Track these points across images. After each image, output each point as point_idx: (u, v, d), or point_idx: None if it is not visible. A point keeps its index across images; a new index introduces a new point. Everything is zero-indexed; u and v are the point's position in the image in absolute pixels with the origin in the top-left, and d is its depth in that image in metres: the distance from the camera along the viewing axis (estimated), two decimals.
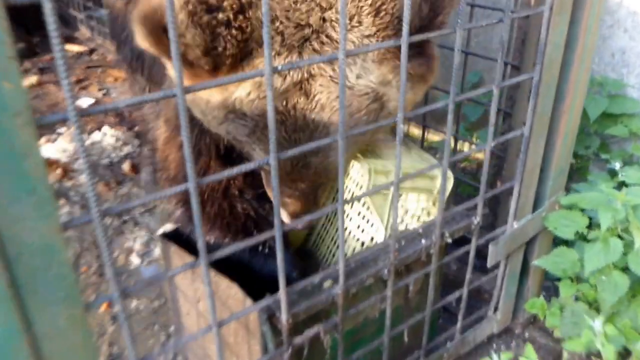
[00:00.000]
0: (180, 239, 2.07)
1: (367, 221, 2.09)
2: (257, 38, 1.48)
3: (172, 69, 1.69)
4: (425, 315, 1.94)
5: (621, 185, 2.46)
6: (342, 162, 1.31)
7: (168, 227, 2.23)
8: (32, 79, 5.07)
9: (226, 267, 1.72)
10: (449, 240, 1.87)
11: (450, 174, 2.04)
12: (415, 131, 3.70)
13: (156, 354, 1.29)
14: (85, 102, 4.71)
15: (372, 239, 2.07)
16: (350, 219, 2.13)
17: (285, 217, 1.90)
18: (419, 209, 2.07)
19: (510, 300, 2.36)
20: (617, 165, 2.81)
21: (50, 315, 0.98)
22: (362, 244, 2.09)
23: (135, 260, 3.01)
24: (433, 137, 3.60)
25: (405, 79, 1.35)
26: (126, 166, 3.82)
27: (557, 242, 2.39)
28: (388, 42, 1.44)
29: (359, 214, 2.12)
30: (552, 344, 2.46)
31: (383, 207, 2.00)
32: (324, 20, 1.55)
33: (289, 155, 1.23)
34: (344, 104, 1.24)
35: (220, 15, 1.38)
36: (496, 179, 2.58)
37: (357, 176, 2.06)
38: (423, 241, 1.81)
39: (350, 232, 2.13)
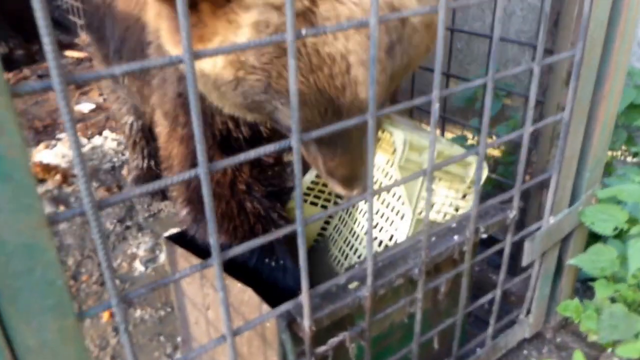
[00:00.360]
0: (186, 242, 1.90)
1: (394, 209, 1.93)
2: None
3: (167, 35, 1.52)
4: (457, 320, 1.77)
5: None
6: (372, 142, 1.14)
7: (173, 230, 2.07)
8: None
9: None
10: (484, 236, 1.70)
11: (484, 165, 1.88)
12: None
13: None
14: (85, 107, 4.57)
15: (391, 237, 1.91)
16: (386, 203, 1.97)
17: (339, 188, 1.67)
18: (446, 201, 1.91)
19: (543, 303, 2.19)
20: None
21: (35, 328, 0.81)
22: (380, 243, 1.93)
23: (139, 267, 2.84)
24: (449, 134, 3.44)
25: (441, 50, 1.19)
26: (126, 171, 3.66)
27: (591, 240, 2.23)
28: None
29: (383, 203, 1.97)
30: (587, 349, 2.28)
31: (412, 192, 1.83)
32: None
33: (313, 136, 1.07)
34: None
35: None
36: (531, 172, 2.41)
37: (382, 163, 1.89)
38: (456, 237, 1.64)
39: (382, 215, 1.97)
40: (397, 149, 1.82)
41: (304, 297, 1.23)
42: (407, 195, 1.84)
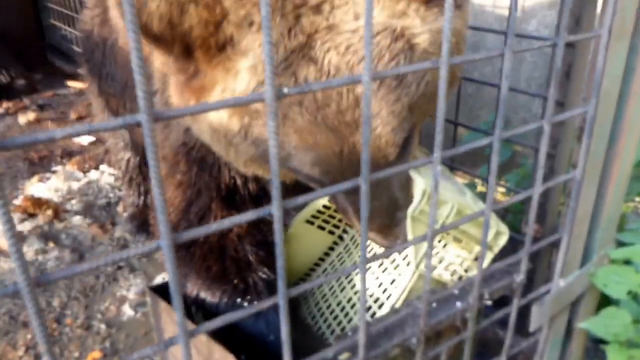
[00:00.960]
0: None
1: (397, 267, 1.83)
2: (236, 21, 1.28)
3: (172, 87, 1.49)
4: None
5: None
6: (366, 204, 1.03)
7: (162, 277, 1.97)
8: (30, 115, 4.99)
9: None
10: (489, 303, 1.58)
11: (505, 229, 1.78)
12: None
13: None
14: (85, 139, 4.50)
15: (380, 305, 1.82)
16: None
17: (377, 238, 1.64)
18: (456, 260, 1.80)
19: None
20: None
21: None
22: (373, 314, 1.83)
23: (128, 311, 2.72)
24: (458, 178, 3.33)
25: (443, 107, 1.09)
26: (121, 208, 3.56)
27: (603, 302, 2.11)
28: None
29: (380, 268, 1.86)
30: None
31: (419, 247, 1.73)
32: None
33: (298, 203, 0.96)
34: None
35: None
36: (539, 229, 2.29)
37: None
38: (458, 304, 1.53)
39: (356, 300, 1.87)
40: (414, 199, 1.72)
41: None
42: (414, 251, 1.74)
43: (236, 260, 1.86)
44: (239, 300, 1.86)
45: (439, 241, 1.85)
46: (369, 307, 1.90)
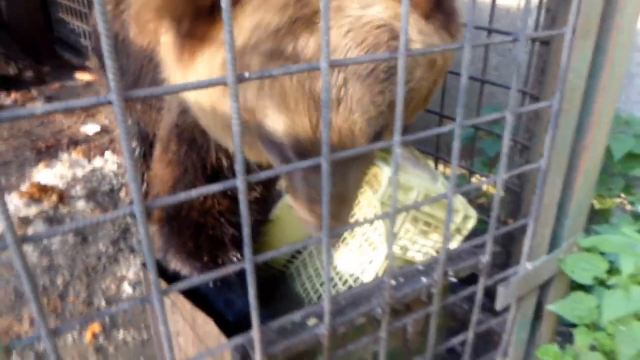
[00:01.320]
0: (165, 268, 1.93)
1: (372, 244, 1.94)
2: None
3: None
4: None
5: None
6: (326, 183, 1.15)
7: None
8: (38, 106, 5.05)
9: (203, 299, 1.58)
10: (453, 280, 1.70)
11: (473, 213, 1.89)
12: (430, 163, 3.55)
13: None
14: (91, 129, 4.64)
15: (356, 279, 1.93)
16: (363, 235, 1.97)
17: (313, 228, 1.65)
18: (429, 242, 1.91)
19: (521, 346, 2.17)
20: None
21: None
22: (352, 276, 1.94)
23: (127, 289, 2.86)
24: (448, 170, 3.44)
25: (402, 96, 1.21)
26: (124, 193, 3.70)
27: (575, 286, 2.21)
28: None
29: (364, 235, 1.98)
30: None
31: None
32: None
33: (260, 177, 1.08)
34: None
35: None
36: (513, 215, 2.41)
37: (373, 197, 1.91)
38: (424, 279, 1.64)
39: (336, 270, 1.98)
40: (382, 186, 1.84)
41: (254, 333, 1.24)
42: (387, 232, 1.86)
43: (211, 239, 1.97)
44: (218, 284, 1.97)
45: (406, 224, 1.94)
46: (349, 285, 2.02)
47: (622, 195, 3.10)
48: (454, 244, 1.95)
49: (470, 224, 1.92)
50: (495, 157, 3.29)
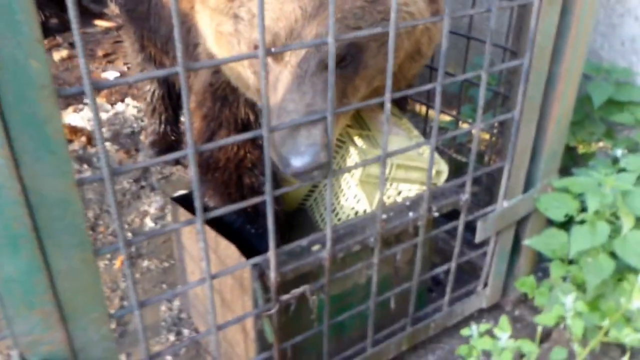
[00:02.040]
0: (191, 203, 2.21)
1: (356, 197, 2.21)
2: None
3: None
4: (412, 285, 2.05)
5: (621, 172, 2.49)
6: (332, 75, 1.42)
7: (181, 192, 2.38)
8: (63, 52, 5.31)
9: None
10: (436, 215, 1.98)
11: (445, 168, 2.15)
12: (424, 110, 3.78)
13: (155, 299, 1.43)
14: (111, 74, 4.88)
15: (364, 211, 2.19)
16: (349, 187, 2.23)
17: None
18: (413, 188, 2.17)
19: (499, 277, 2.45)
20: (619, 152, 2.85)
21: (65, 257, 1.16)
22: (356, 213, 2.19)
23: (149, 223, 3.17)
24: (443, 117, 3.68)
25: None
26: (143, 136, 3.98)
27: (551, 224, 2.46)
28: None
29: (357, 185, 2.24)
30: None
31: (373, 194, 2.10)
32: None
33: (284, 126, 1.35)
34: None
35: None
36: (495, 159, 2.67)
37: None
38: (411, 214, 1.92)
39: (347, 199, 2.23)
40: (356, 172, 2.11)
41: (270, 254, 1.54)
42: (367, 196, 2.12)
43: (251, 189, 2.24)
44: (248, 226, 2.27)
45: (390, 184, 2.18)
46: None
47: (604, 140, 3.31)
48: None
49: (443, 177, 2.16)
50: (486, 104, 3.51)
